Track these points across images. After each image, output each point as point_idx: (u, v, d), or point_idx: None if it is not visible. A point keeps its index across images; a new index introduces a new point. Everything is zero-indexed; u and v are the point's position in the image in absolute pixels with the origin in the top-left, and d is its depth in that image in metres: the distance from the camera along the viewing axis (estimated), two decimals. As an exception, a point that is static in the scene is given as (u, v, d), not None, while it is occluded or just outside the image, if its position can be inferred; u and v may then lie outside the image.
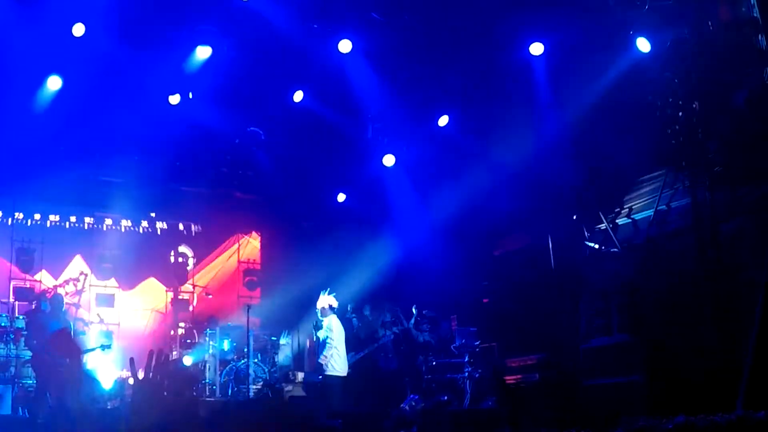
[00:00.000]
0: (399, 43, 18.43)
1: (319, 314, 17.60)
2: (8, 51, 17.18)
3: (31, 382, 17.62)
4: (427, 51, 18.49)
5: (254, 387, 19.71)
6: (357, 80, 19.39)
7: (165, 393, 5.05)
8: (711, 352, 14.49)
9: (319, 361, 17.12)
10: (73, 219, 21.88)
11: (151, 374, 5.03)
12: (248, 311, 19.37)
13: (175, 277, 23.35)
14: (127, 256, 22.49)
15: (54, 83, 18.36)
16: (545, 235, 19.01)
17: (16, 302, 20.06)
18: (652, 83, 15.97)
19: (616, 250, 17.26)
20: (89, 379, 19.20)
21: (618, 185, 17.37)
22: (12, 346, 18.07)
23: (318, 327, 17.54)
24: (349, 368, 17.64)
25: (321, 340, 17.33)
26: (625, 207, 17.45)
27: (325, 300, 17.54)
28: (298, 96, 20.18)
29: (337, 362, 17.15)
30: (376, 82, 19.49)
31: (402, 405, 17.10)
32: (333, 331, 17.24)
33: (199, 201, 22.62)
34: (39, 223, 21.40)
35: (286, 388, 19.33)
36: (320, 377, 17.21)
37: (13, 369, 17.94)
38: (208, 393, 19.74)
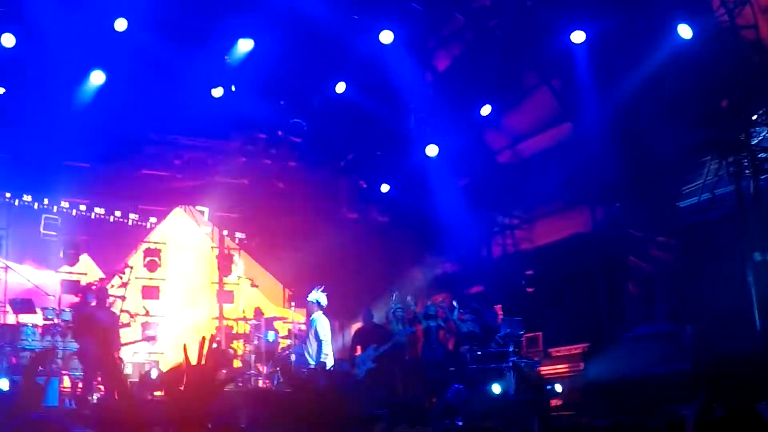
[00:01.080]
0: (439, 32, 18.39)
1: (307, 309, 17.72)
2: (53, 46, 17.37)
3: (78, 374, 17.77)
4: (468, 39, 18.43)
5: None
6: (398, 70, 19.37)
7: (218, 381, 5.09)
8: (756, 339, 14.38)
9: (321, 359, 17.14)
10: (118, 214, 22.02)
11: (203, 361, 5.07)
12: (292, 302, 19.49)
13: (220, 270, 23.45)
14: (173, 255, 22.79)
15: (97, 77, 18.55)
16: (589, 224, 18.94)
17: (63, 295, 20.29)
18: (694, 69, 15.84)
19: (660, 237, 17.16)
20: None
21: (661, 172, 17.23)
22: (59, 339, 18.22)
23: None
24: (372, 362, 17.76)
25: (314, 337, 17.38)
26: (668, 194, 17.30)
27: (315, 296, 17.59)
28: (340, 87, 20.21)
29: (330, 359, 17.29)
30: (417, 72, 19.46)
31: (447, 394, 17.09)
32: (324, 328, 17.31)
33: (242, 192, 22.71)
34: (84, 214, 21.57)
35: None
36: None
37: (60, 361, 18.10)
38: (253, 383, 19.86)
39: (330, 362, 17.03)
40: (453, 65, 19.32)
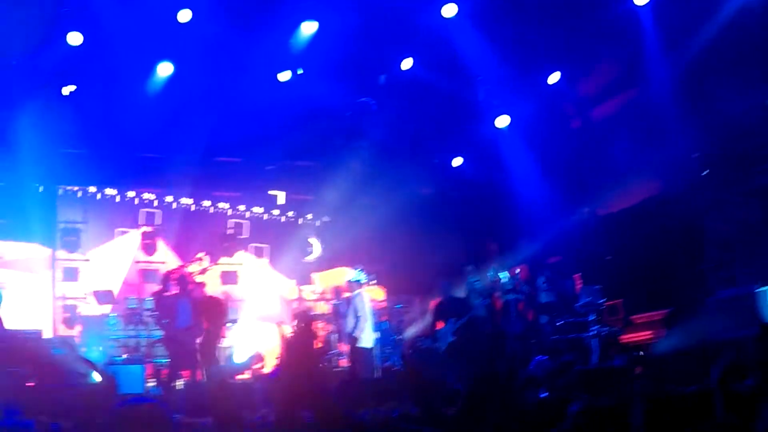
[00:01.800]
0: (503, 2, 18.23)
1: (347, 288, 18.42)
2: (119, 41, 17.57)
3: (162, 361, 18.05)
4: (532, 8, 18.23)
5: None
6: (464, 43, 19.24)
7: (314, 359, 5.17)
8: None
9: (354, 334, 17.39)
10: (192, 201, 22.39)
11: (302, 336, 5.14)
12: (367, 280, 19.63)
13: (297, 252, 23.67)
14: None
15: (165, 69, 18.77)
16: (665, 186, 18.70)
17: (143, 284, 20.64)
18: (762, 24, 15.55)
19: (738, 197, 16.87)
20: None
21: (734, 131, 16.91)
22: (141, 327, 18.53)
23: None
24: (452, 336, 17.87)
25: (353, 314, 17.57)
26: (745, 152, 16.97)
27: (356, 275, 17.92)
28: (406, 64, 20.14)
29: (366, 335, 17.46)
30: (483, 44, 19.31)
31: (529, 366, 17.02)
32: (365, 304, 17.56)
33: (316, 174, 22.80)
34: (159, 203, 21.96)
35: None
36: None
37: (143, 349, 18.41)
38: (336, 363, 20.02)
39: (366, 338, 17.35)
40: (518, 34, 19.08)
